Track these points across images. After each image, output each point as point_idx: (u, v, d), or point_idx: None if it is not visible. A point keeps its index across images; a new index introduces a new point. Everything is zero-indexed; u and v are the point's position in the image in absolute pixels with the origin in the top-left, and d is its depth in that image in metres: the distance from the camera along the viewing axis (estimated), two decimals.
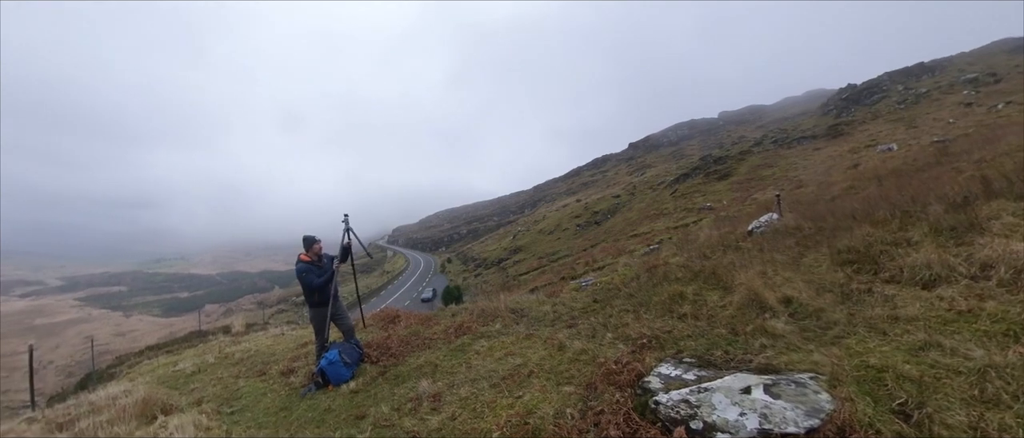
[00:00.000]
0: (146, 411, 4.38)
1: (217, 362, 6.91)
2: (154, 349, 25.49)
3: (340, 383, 4.59)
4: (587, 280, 7.40)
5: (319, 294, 5.05)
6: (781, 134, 52.39)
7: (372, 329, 6.98)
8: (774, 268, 4.63)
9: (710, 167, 43.65)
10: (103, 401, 4.94)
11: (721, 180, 37.12)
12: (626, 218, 42.74)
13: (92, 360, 39.22)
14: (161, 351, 17.88)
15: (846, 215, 5.89)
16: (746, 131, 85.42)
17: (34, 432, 4.54)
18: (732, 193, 30.58)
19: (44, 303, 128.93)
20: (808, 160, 32.00)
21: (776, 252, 5.29)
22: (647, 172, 77.73)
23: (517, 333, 4.88)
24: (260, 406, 4.53)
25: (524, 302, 6.31)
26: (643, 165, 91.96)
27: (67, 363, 54.50)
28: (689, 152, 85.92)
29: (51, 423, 4.70)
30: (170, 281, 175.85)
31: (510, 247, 60.18)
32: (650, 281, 5.41)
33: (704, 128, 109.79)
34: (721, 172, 39.25)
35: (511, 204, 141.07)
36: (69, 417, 4.72)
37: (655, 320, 4.08)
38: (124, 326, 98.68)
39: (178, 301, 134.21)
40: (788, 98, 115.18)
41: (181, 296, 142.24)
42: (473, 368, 4.12)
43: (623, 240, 28.27)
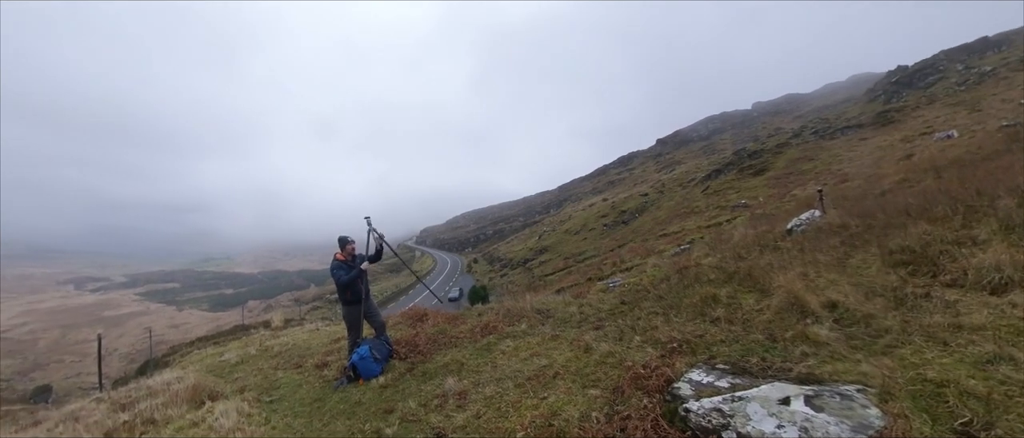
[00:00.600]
0: (195, 396, 4.72)
1: (258, 354, 7.32)
2: (203, 340, 27.42)
3: (370, 378, 4.73)
4: (615, 281, 7.24)
5: (351, 292, 5.22)
6: (822, 124, 49.15)
7: (401, 327, 7.15)
8: (816, 270, 4.35)
9: (744, 162, 41.66)
10: (159, 386, 5.36)
11: (756, 175, 35.33)
12: (655, 217, 41.59)
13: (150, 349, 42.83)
14: (209, 342, 19.21)
15: (899, 211, 5.44)
16: (783, 122, 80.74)
17: (101, 411, 4.98)
18: (769, 189, 29.00)
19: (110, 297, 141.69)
20: (854, 151, 29.81)
21: (819, 252, 4.96)
22: (676, 169, 75.20)
23: (543, 334, 4.85)
24: (296, 396, 4.75)
25: (550, 303, 6.27)
26: (672, 162, 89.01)
27: (129, 351, 59.49)
28: (721, 146, 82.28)
29: (115, 404, 5.15)
30: (217, 279, 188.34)
31: (536, 247, 60.05)
32: (681, 283, 5.22)
33: (737, 121, 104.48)
34: (756, 167, 37.36)
35: (536, 204, 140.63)
36: (130, 399, 5.16)
37: (686, 324, 3.93)
38: (177, 319, 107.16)
39: (224, 297, 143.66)
40: (829, 85, 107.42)
41: (227, 293, 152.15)
42: (498, 367, 4.14)
43: (652, 240, 27.51)
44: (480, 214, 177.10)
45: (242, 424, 3.91)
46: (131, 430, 4.15)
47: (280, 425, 3.98)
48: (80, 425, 4.49)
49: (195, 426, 4.05)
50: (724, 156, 61.40)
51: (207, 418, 4.12)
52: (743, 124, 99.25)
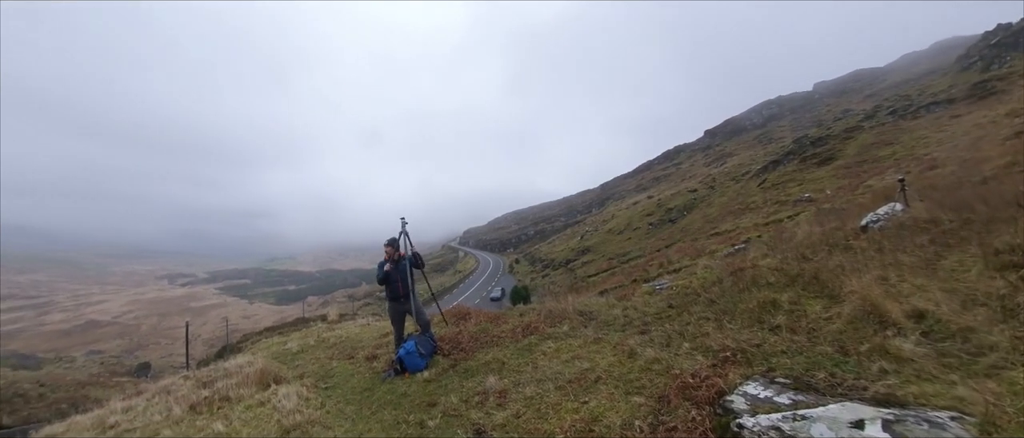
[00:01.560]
0: (263, 379, 5.19)
1: (316, 345, 7.87)
2: (269, 330, 30.08)
3: (415, 372, 4.92)
4: (661, 283, 6.91)
5: (390, 289, 5.45)
6: (901, 101, 43.07)
7: (444, 325, 7.35)
8: (899, 273, 3.85)
9: (807, 150, 37.75)
10: (233, 368, 5.95)
11: (822, 165, 31.87)
12: (705, 215, 39.11)
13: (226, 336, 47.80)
14: (274, 332, 21.05)
15: (1007, 202, 4.66)
16: (851, 103, 71.80)
17: (188, 387, 5.62)
18: (837, 180, 25.93)
19: (196, 291, 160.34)
20: (943, 132, 25.88)
21: (902, 252, 4.38)
22: (728, 161, 69.98)
23: (585, 336, 4.75)
24: (348, 385, 5.05)
25: (593, 304, 6.13)
26: (723, 154, 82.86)
27: (210, 336, 66.81)
28: (779, 135, 75.40)
29: (199, 381, 5.80)
30: (281, 276, 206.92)
31: (578, 248, 59.07)
32: (735, 286, 4.86)
33: (796, 105, 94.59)
34: (822, 155, 33.70)
35: (578, 204, 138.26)
36: (210, 378, 5.78)
37: (741, 331, 3.65)
38: (248, 311, 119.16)
39: (287, 292, 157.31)
40: (907, 55, 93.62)
41: (289, 288, 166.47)
42: (539, 368, 4.11)
43: (702, 239, 25.89)
44: (521, 215, 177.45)
45: (301, 406, 4.24)
46: (210, 405, 4.65)
47: (333, 410, 4.25)
48: (171, 397, 5.11)
49: (262, 405, 4.45)
50: (783, 145, 56.06)
51: (272, 399, 4.51)
52: (803, 108, 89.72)
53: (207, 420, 4.23)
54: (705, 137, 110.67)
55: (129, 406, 5.25)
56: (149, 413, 4.75)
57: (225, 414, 4.32)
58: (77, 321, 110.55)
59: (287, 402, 4.33)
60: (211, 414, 4.40)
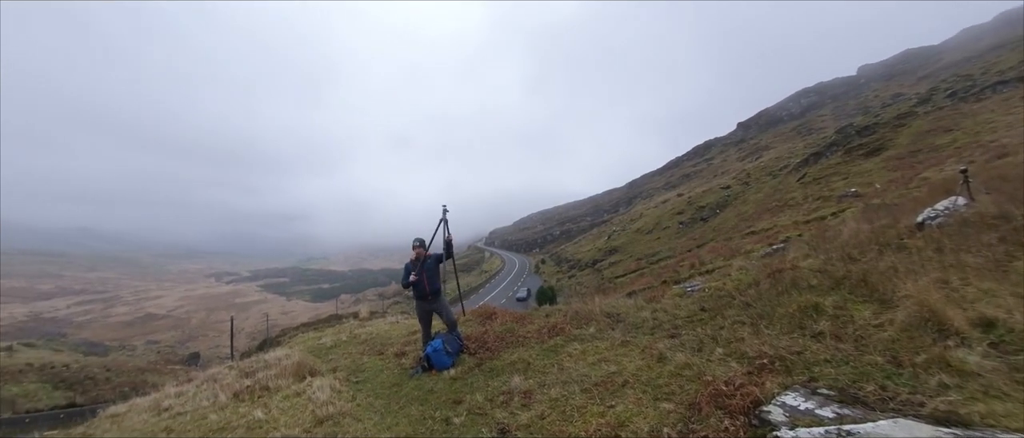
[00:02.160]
0: (299, 371, 5.45)
1: (348, 340, 8.16)
2: (305, 326, 31.51)
3: (442, 369, 4.99)
4: (693, 285, 6.65)
5: (420, 288, 5.55)
6: (962, 82, 38.94)
7: (471, 323, 7.42)
8: (962, 275, 3.50)
9: (852, 140, 34.84)
10: (272, 361, 6.28)
11: (870, 156, 29.12)
12: (739, 212, 37.23)
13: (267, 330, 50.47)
14: (310, 328, 22.05)
15: None
16: (902, 86, 65.12)
17: (232, 376, 5.98)
18: (888, 173, 23.62)
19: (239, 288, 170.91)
20: (1012, 114, 23.02)
21: (966, 252, 3.98)
22: (764, 155, 66.12)
23: (612, 339, 4.65)
24: (378, 380, 5.20)
25: (620, 306, 5.99)
26: (757, 147, 78.29)
27: (252, 330, 70.92)
28: (820, 124, 70.26)
29: (242, 371, 6.16)
30: (317, 275, 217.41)
31: (605, 248, 58.01)
32: (773, 289, 4.60)
33: (838, 91, 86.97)
34: (869, 146, 30.81)
35: (604, 203, 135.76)
36: (252, 369, 6.13)
37: (780, 337, 3.45)
38: (286, 307, 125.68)
39: (322, 290, 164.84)
40: (968, 30, 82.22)
41: (324, 287, 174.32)
42: (565, 370, 4.06)
43: (736, 239, 24.67)
44: (547, 215, 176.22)
45: (333, 398, 4.41)
46: (252, 393, 4.93)
47: (363, 403, 4.39)
48: (217, 385, 5.47)
49: (298, 396, 4.67)
50: (824, 135, 52.20)
51: (307, 390, 4.73)
52: (847, 94, 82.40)
53: (248, 407, 4.49)
54: (738, 130, 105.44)
55: (181, 391, 5.65)
56: (198, 398, 5.09)
57: (265, 403, 4.56)
58: (137, 314, 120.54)
59: (321, 394, 4.52)
60: (252, 402, 4.67)
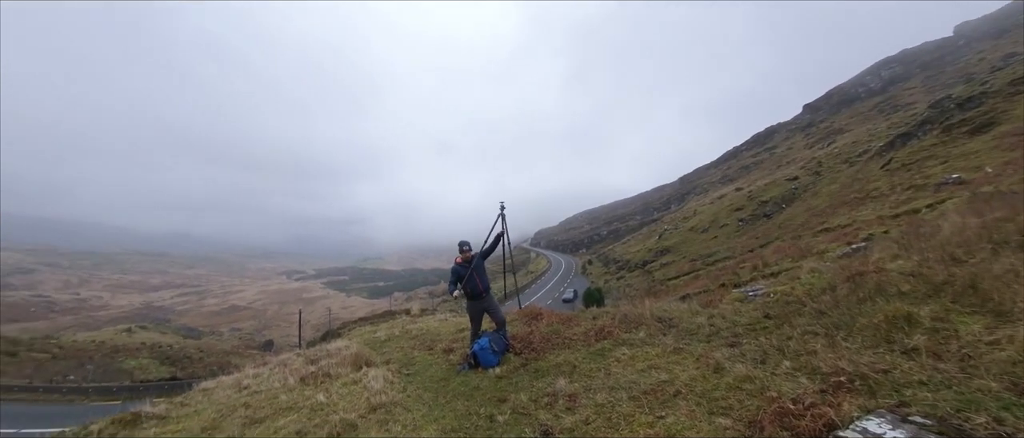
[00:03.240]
0: (356, 362, 5.84)
1: (400, 335, 8.57)
2: (362, 320, 33.65)
3: (488, 367, 5.07)
4: (755, 289, 6.12)
5: (472, 287, 5.66)
6: None
7: (516, 323, 7.45)
8: None
9: (951, 116, 28.90)
10: (333, 351, 6.78)
11: (976, 134, 23.81)
12: (809, 206, 33.35)
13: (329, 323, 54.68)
14: (366, 322, 23.51)
15: None
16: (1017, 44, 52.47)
17: (299, 362, 6.55)
18: (1002, 153, 18.93)
19: (306, 285, 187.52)
20: None
21: None
22: (837, 140, 57.84)
23: (664, 345, 4.43)
24: (427, 374, 5.40)
25: (673, 310, 5.69)
26: (829, 131, 68.84)
27: (316, 322, 77.16)
28: (907, 99, 59.81)
29: (307, 358, 6.73)
30: (372, 274, 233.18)
31: (655, 248, 55.23)
32: (854, 295, 4.07)
33: (928, 58, 71.77)
34: (975, 121, 25.02)
35: (654, 200, 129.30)
36: (316, 357, 6.67)
37: (861, 352, 3.05)
38: (346, 302, 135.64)
39: (377, 288, 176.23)
40: None
41: (379, 285, 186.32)
42: (612, 375, 3.93)
43: (807, 237, 22.14)
44: (593, 214, 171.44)
45: (386, 388, 4.67)
46: (315, 378, 5.37)
47: (413, 395, 4.58)
48: (287, 369, 6.02)
49: (355, 384, 5.00)
50: (914, 112, 44.35)
51: (363, 379, 5.05)
52: (941, 61, 67.93)
53: (312, 391, 4.89)
54: (804, 113, 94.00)
55: (257, 373, 6.29)
56: (271, 380, 5.64)
57: (326, 388, 4.94)
58: (224, 305, 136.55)
59: (375, 383, 4.80)
60: (315, 386, 5.07)
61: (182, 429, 4.26)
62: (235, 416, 4.40)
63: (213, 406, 4.94)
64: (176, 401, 5.31)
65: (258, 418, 4.27)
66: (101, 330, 60.04)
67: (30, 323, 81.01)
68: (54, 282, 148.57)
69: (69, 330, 61.10)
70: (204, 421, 4.41)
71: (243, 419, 4.27)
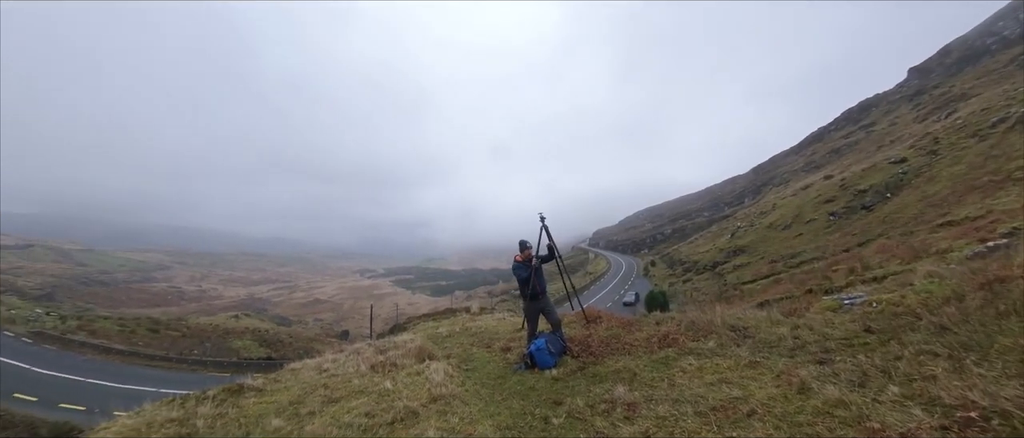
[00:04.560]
0: (420, 354, 6.17)
1: (460, 332, 8.87)
2: (425, 316, 35.57)
3: (544, 368, 5.04)
4: (853, 296, 5.30)
5: (529, 288, 5.70)
6: None
7: (574, 325, 7.32)
8: None
9: None
10: (400, 343, 7.24)
11: None
12: (924, 195, 27.68)
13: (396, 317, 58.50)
14: (429, 318, 24.79)
15: None
16: None
17: (370, 352, 7.09)
18: None
19: (377, 282, 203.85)
20: None
21: None
22: (959, 108, 46.66)
23: (737, 357, 4.04)
24: (485, 370, 5.52)
25: (749, 319, 5.17)
26: (948, 98, 55.69)
27: (385, 317, 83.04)
28: None
29: (377, 349, 7.26)
30: (435, 273, 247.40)
31: (727, 247, 50.47)
32: (989, 308, 3.32)
33: None
34: None
35: (724, 194, 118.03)
36: (384, 348, 7.16)
37: (1000, 381, 2.48)
38: (411, 299, 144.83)
39: (439, 286, 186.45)
40: None
41: (441, 283, 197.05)
42: (676, 386, 3.68)
43: (922, 232, 18.50)
44: (656, 211, 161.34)
45: (446, 381, 4.86)
46: (383, 367, 5.78)
47: (471, 389, 4.71)
48: (359, 357, 6.56)
49: (418, 375, 5.28)
50: None
51: (425, 371, 5.32)
52: None
53: (380, 378, 5.26)
54: (911, 78, 77.93)
55: (335, 359, 6.93)
56: (346, 365, 6.18)
57: (392, 376, 5.29)
58: (309, 299, 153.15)
59: (436, 376, 5.03)
60: (383, 374, 5.45)
61: (274, 401, 4.83)
62: (316, 394, 4.89)
63: (299, 384, 5.54)
64: (270, 377, 6.05)
65: (335, 398, 4.70)
66: (216, 315, 70.92)
67: (167, 307, 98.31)
68: (184, 276, 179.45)
69: (193, 314, 73.03)
70: (291, 396, 4.96)
71: (322, 397, 4.74)
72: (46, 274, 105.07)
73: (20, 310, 42.19)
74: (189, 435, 3.95)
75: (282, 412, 4.37)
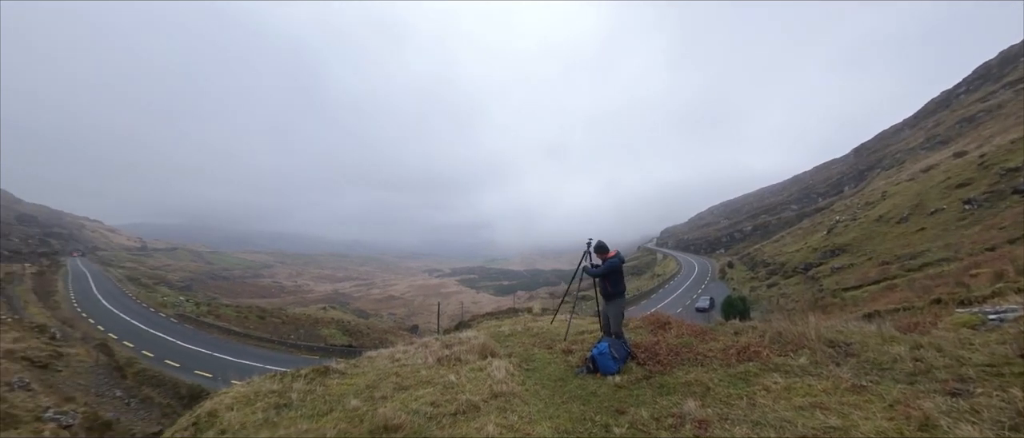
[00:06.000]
0: (483, 351, 6.34)
1: (522, 332, 8.92)
2: (488, 315, 36.46)
3: (607, 374, 4.86)
4: (1001, 310, 4.26)
5: (603, 288, 5.74)
6: None
7: (641, 331, 6.97)
8: None
9: None
10: (464, 339, 7.50)
11: None
12: None
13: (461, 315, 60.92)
14: (492, 317, 25.40)
15: None
16: None
17: (437, 345, 7.47)
18: None
19: (443, 282, 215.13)
20: None
21: None
22: None
23: (835, 378, 3.50)
24: (546, 371, 5.48)
25: (852, 333, 4.45)
26: None
27: (451, 314, 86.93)
28: None
29: (444, 344, 7.62)
30: (498, 273, 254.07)
31: (823, 246, 43.88)
32: None
33: None
34: None
35: (816, 182, 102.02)
36: (450, 343, 7.48)
37: None
38: (475, 298, 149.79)
39: (502, 286, 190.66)
40: None
41: (504, 283, 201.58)
42: (757, 407, 3.29)
43: None
44: (732, 206, 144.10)
45: (507, 378, 4.93)
46: (449, 361, 6.04)
47: (531, 389, 4.71)
48: (427, 350, 6.94)
49: (480, 370, 5.42)
50: None
51: (487, 367, 5.45)
52: None
53: (446, 371, 5.50)
54: None
55: (406, 350, 7.40)
56: (415, 357, 6.56)
57: (457, 370, 5.50)
58: (383, 295, 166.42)
59: (498, 373, 5.12)
60: (448, 368, 5.69)
61: (353, 383, 5.31)
62: (388, 381, 5.27)
63: (374, 370, 6.01)
64: (351, 362, 6.65)
65: (404, 386, 5.02)
66: (308, 307, 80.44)
67: (271, 299, 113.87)
68: (283, 273, 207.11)
69: (290, 305, 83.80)
70: (368, 380, 5.41)
71: (394, 384, 5.09)
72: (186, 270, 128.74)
73: (169, 297, 53.10)
74: (285, 404, 4.50)
75: (359, 394, 4.77)
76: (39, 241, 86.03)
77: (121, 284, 58.35)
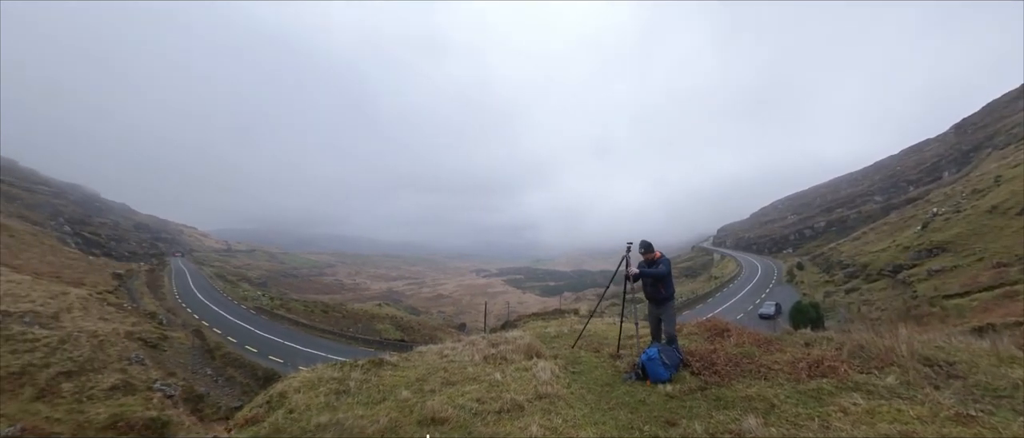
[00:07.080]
0: (529, 351, 6.34)
1: (568, 333, 8.79)
2: (534, 315, 36.47)
3: (657, 381, 4.63)
4: None
5: (651, 291, 5.52)
6: None
7: (696, 337, 6.58)
8: None
9: None
10: (511, 338, 7.55)
11: None
12: None
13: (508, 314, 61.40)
14: (538, 318, 25.34)
15: None
16: None
17: (484, 344, 7.59)
18: None
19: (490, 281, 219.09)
20: None
21: None
22: None
23: (933, 404, 3.03)
24: (592, 375, 5.34)
25: (957, 350, 3.84)
26: None
27: (498, 313, 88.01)
28: None
29: (490, 342, 7.73)
30: (544, 274, 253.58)
31: (916, 244, 38.10)
32: None
33: None
34: None
35: (906, 168, 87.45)
36: (496, 342, 7.57)
37: None
38: (521, 298, 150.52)
39: (548, 287, 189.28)
40: None
41: (550, 284, 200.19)
42: (831, 429, 2.94)
43: None
44: (800, 200, 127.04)
45: (552, 380, 4.87)
46: (495, 360, 6.11)
47: (577, 393, 4.61)
48: (474, 348, 7.08)
49: (526, 370, 5.42)
50: None
51: (532, 368, 5.43)
52: None
53: (491, 369, 5.57)
54: None
55: (454, 347, 7.61)
56: (462, 354, 6.72)
57: (502, 369, 5.54)
58: (433, 294, 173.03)
59: (543, 374, 5.08)
60: (494, 366, 5.76)
61: (405, 376, 5.55)
62: (436, 375, 5.44)
63: (424, 365, 6.25)
64: (403, 356, 6.97)
65: (452, 381, 5.16)
66: (365, 303, 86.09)
67: (332, 295, 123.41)
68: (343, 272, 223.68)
69: (349, 301, 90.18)
70: (418, 374, 5.63)
71: (441, 379, 5.25)
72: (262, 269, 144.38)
73: (249, 291, 60.31)
74: (344, 391, 4.83)
75: (410, 386, 4.98)
76: (150, 244, 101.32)
77: (211, 280, 66.99)
